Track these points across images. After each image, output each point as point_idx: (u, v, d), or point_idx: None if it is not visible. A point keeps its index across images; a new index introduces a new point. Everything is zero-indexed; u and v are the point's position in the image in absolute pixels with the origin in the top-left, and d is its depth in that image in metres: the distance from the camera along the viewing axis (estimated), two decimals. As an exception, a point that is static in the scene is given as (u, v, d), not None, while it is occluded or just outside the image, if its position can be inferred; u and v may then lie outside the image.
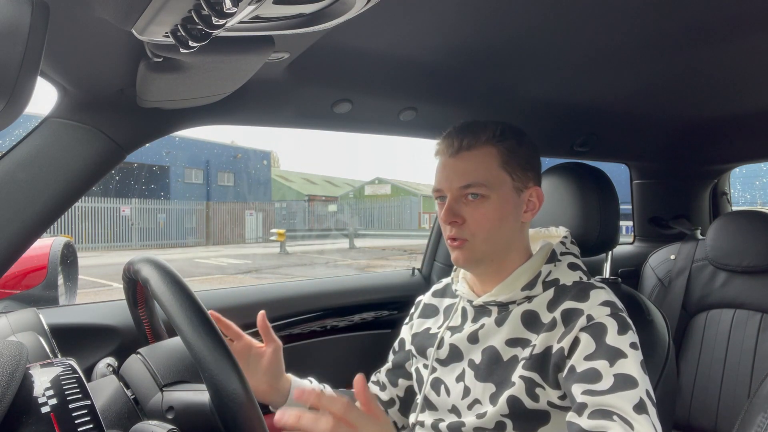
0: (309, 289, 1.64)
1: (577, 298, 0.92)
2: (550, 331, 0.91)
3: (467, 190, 0.95)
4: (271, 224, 17.68)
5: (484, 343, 0.98)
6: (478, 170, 0.95)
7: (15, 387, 0.58)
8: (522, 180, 0.98)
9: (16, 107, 0.50)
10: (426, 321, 1.14)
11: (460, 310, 1.07)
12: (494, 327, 0.97)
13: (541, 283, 0.97)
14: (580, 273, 1.00)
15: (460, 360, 1.01)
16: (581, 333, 0.87)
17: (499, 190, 0.96)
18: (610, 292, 0.95)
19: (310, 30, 0.69)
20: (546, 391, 0.89)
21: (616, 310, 0.90)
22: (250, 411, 0.71)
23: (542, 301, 0.95)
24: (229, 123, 1.28)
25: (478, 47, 1.12)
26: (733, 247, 1.75)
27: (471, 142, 0.96)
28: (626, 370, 0.82)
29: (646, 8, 0.94)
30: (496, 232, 0.96)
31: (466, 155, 0.97)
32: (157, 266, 0.82)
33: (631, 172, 2.49)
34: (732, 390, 1.71)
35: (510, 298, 0.97)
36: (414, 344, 1.12)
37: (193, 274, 9.73)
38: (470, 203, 0.96)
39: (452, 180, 0.97)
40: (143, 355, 0.90)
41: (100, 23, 0.72)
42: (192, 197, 17.46)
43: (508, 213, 0.97)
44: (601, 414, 0.78)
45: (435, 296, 1.18)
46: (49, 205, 0.99)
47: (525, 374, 0.90)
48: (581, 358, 0.85)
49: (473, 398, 0.96)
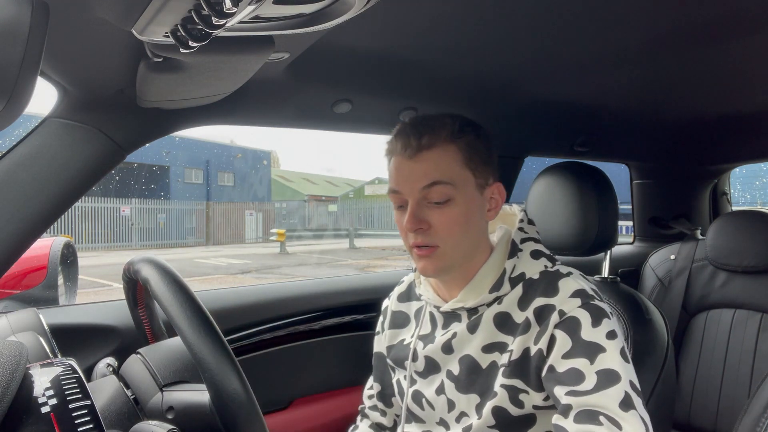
0: (310, 289, 1.64)
1: (547, 293, 0.88)
2: (525, 332, 0.87)
3: (431, 192, 0.88)
4: (271, 224, 17.68)
5: (459, 353, 0.94)
6: (441, 170, 0.88)
7: (15, 387, 0.58)
8: (484, 176, 0.92)
9: (16, 107, 0.50)
10: (399, 332, 1.08)
11: (428, 316, 1.02)
12: (467, 334, 0.93)
13: (508, 280, 0.92)
14: (544, 260, 0.95)
15: (438, 371, 0.97)
16: (556, 330, 0.84)
17: (463, 190, 0.89)
18: (578, 276, 0.91)
19: (310, 30, 0.69)
20: (530, 395, 0.87)
21: (587, 299, 0.86)
22: (250, 411, 0.71)
23: (512, 300, 0.91)
24: (229, 123, 1.28)
25: (478, 47, 1.12)
26: (733, 247, 1.75)
27: (431, 140, 0.88)
28: (607, 365, 0.79)
29: (646, 8, 0.94)
30: (464, 237, 0.90)
31: (426, 155, 0.88)
32: (157, 266, 0.82)
33: (631, 172, 2.49)
34: (732, 390, 1.71)
35: (479, 302, 0.92)
36: (391, 358, 1.08)
37: (193, 274, 9.73)
38: (434, 207, 0.88)
39: (413, 182, 0.88)
40: (143, 355, 0.90)
41: (100, 23, 0.72)
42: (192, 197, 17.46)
43: (473, 214, 0.91)
44: (587, 415, 0.76)
45: (401, 301, 1.12)
46: (49, 205, 0.99)
47: (506, 382, 0.87)
48: (559, 357, 0.83)
49: (459, 411, 0.94)
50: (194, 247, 15.30)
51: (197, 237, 16.05)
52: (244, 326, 1.45)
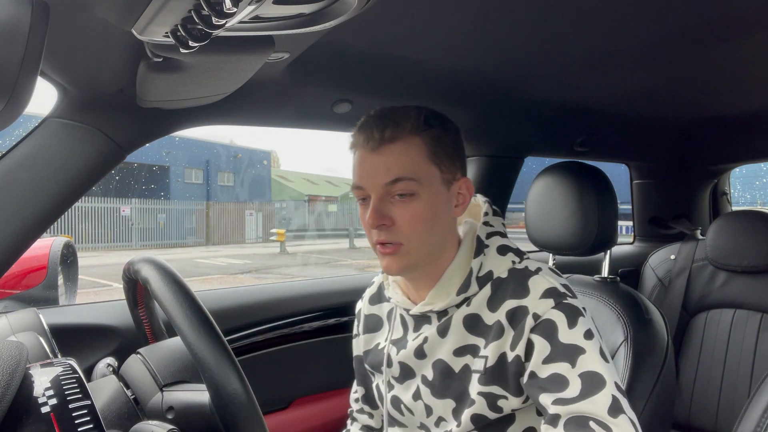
0: (310, 289, 1.64)
1: (517, 294, 0.86)
2: (499, 337, 0.85)
3: (394, 187, 0.85)
4: (271, 224, 17.68)
5: (432, 357, 0.92)
6: (405, 164, 0.85)
7: (15, 387, 0.58)
8: (451, 171, 0.89)
9: (16, 107, 0.50)
10: (374, 336, 1.06)
11: (399, 319, 1.00)
12: (438, 339, 0.91)
13: (475, 280, 0.89)
14: (511, 256, 0.92)
15: (413, 377, 0.96)
16: (532, 335, 0.82)
17: (428, 185, 0.86)
18: (547, 273, 0.89)
19: (310, 30, 0.69)
20: (509, 400, 0.86)
21: (560, 299, 0.84)
22: (250, 411, 0.71)
23: (481, 301, 0.89)
24: (229, 123, 1.28)
25: (478, 47, 1.12)
26: (733, 247, 1.75)
27: (394, 133, 0.85)
28: (589, 367, 0.78)
29: (646, 9, 0.94)
30: (430, 234, 0.87)
31: (390, 148, 0.85)
32: (157, 266, 0.82)
33: (631, 172, 2.49)
34: (732, 390, 1.71)
35: (447, 304, 0.90)
36: (368, 363, 1.06)
37: (193, 274, 9.73)
38: (398, 203, 0.85)
39: (376, 177, 0.86)
40: (143, 355, 0.90)
41: (100, 23, 0.72)
42: (192, 197, 17.46)
43: (439, 210, 0.88)
44: (576, 423, 0.76)
45: (372, 303, 1.09)
46: (49, 205, 0.99)
47: (484, 390, 0.86)
48: (539, 363, 0.81)
49: (437, 416, 0.93)
50: (194, 247, 15.29)
51: (197, 237, 16.04)
52: (244, 326, 1.45)
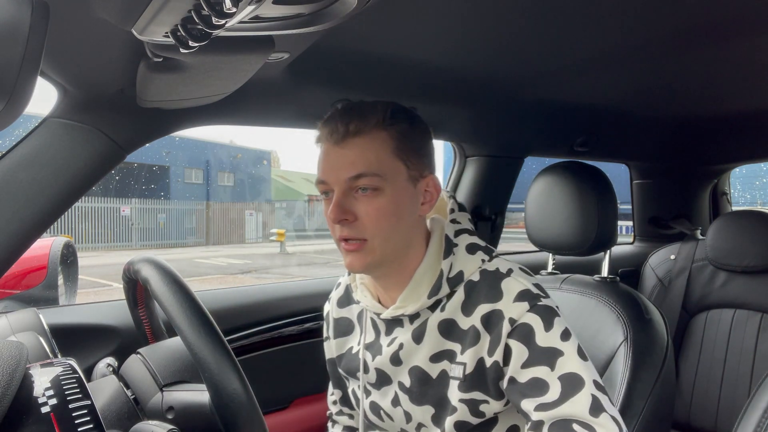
0: (310, 289, 1.64)
1: (491, 298, 0.85)
2: (475, 343, 0.84)
3: (358, 182, 0.83)
4: (271, 224, 17.68)
5: (408, 364, 0.91)
6: (369, 159, 0.83)
7: (15, 387, 0.58)
8: (417, 168, 0.87)
9: (16, 107, 0.50)
10: (346, 340, 1.04)
11: (370, 322, 0.98)
12: (413, 345, 0.89)
13: (446, 281, 0.88)
14: (480, 254, 0.90)
15: (390, 383, 0.95)
16: (509, 340, 0.82)
17: (393, 181, 0.84)
18: (519, 274, 0.88)
19: (310, 30, 0.69)
20: (490, 404, 0.85)
21: (534, 301, 0.83)
22: (250, 411, 0.71)
23: (455, 305, 0.87)
24: (229, 123, 1.28)
25: (478, 47, 1.12)
26: (733, 247, 1.75)
27: (359, 126, 0.84)
28: (568, 368, 0.78)
29: (646, 9, 0.94)
30: (394, 231, 0.85)
31: (354, 142, 0.84)
32: (157, 266, 0.82)
33: (631, 172, 2.49)
34: (732, 390, 1.71)
35: (419, 307, 0.88)
36: (342, 368, 1.04)
37: (192, 274, 9.73)
38: (361, 198, 0.84)
39: (339, 171, 0.84)
40: (143, 355, 0.90)
41: (100, 23, 0.72)
42: (192, 197, 17.45)
43: (404, 207, 0.86)
44: (559, 427, 0.76)
45: (341, 306, 1.06)
46: (49, 205, 0.99)
47: (465, 396, 0.85)
48: (518, 367, 0.81)
49: (417, 422, 0.92)
50: (194, 247, 15.28)
51: (197, 237, 16.04)
52: (244, 326, 1.45)
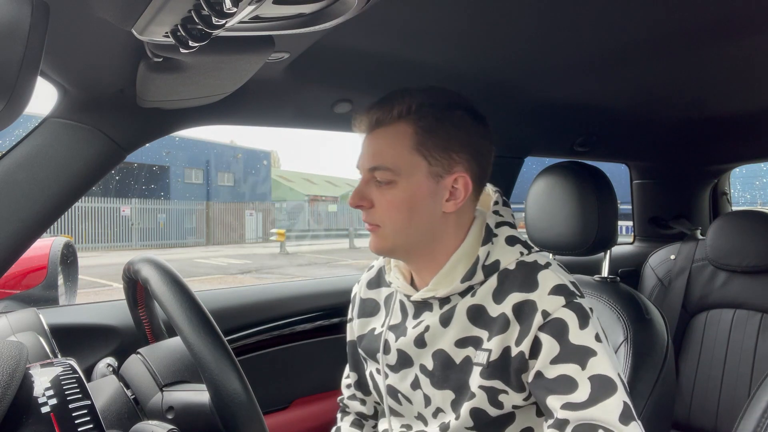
0: (310, 289, 1.64)
1: (525, 287, 0.83)
2: (504, 331, 0.82)
3: (374, 173, 0.86)
4: (271, 224, 17.68)
5: (432, 347, 0.90)
6: (385, 152, 0.84)
7: (15, 387, 0.58)
8: (442, 164, 0.85)
9: (16, 107, 0.50)
10: (369, 320, 1.03)
11: (398, 305, 0.97)
12: (440, 328, 0.88)
13: (481, 269, 0.86)
14: (519, 247, 0.89)
15: (411, 366, 0.93)
16: (540, 333, 0.79)
17: (409, 176, 0.84)
18: (557, 269, 0.87)
19: (310, 30, 0.69)
20: (510, 395, 0.83)
21: (571, 297, 0.81)
22: (250, 411, 0.71)
23: (486, 292, 0.86)
24: (229, 123, 1.28)
25: (478, 47, 1.12)
26: (733, 247, 1.75)
27: (382, 117, 0.84)
28: (600, 370, 0.76)
29: (646, 9, 0.94)
30: (406, 224, 0.85)
31: (378, 133, 0.86)
32: (157, 266, 0.82)
33: (631, 172, 2.49)
34: (732, 390, 1.71)
35: (450, 291, 0.87)
36: (362, 348, 1.03)
37: (193, 274, 9.73)
38: (380, 187, 0.86)
39: (363, 160, 0.88)
40: (143, 355, 0.90)
41: (100, 23, 0.72)
42: (192, 197, 17.45)
43: (420, 202, 0.84)
44: (585, 430, 0.73)
45: (370, 288, 1.06)
46: (49, 205, 0.99)
47: (485, 384, 0.84)
48: (547, 362, 0.78)
49: (435, 407, 0.91)
50: (194, 247, 15.29)
51: (197, 237, 16.04)
52: (244, 326, 1.45)
